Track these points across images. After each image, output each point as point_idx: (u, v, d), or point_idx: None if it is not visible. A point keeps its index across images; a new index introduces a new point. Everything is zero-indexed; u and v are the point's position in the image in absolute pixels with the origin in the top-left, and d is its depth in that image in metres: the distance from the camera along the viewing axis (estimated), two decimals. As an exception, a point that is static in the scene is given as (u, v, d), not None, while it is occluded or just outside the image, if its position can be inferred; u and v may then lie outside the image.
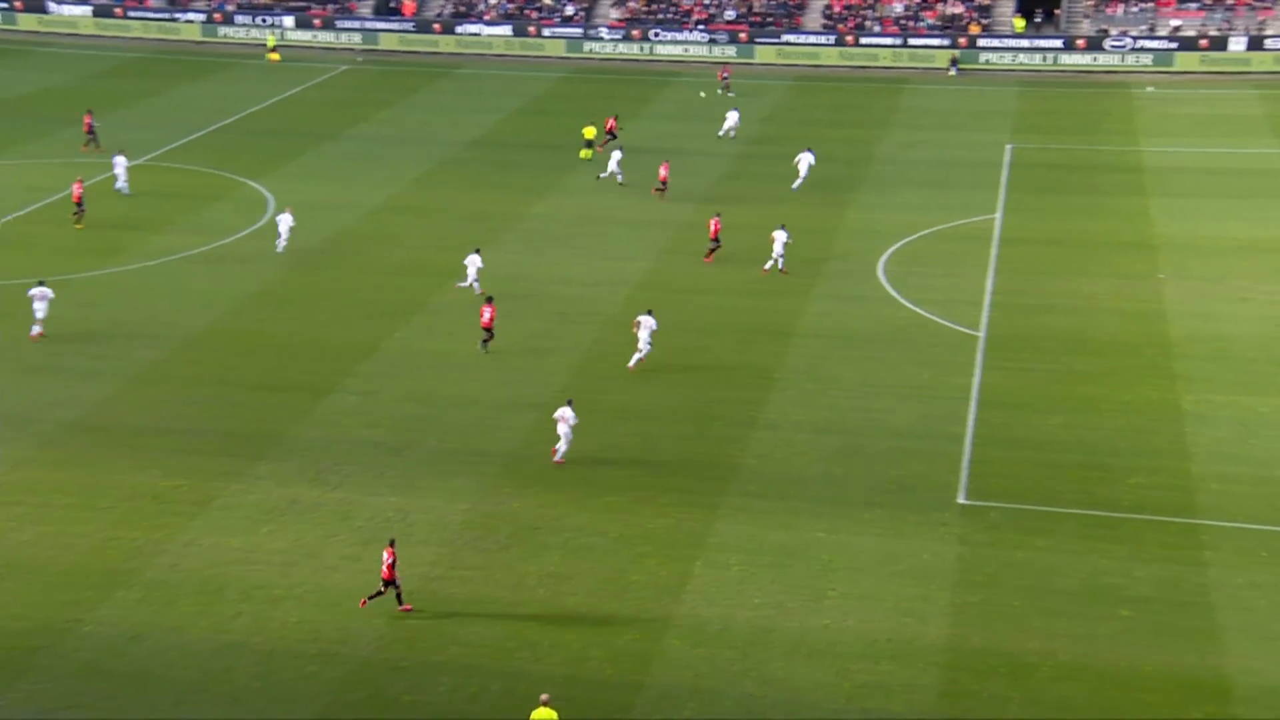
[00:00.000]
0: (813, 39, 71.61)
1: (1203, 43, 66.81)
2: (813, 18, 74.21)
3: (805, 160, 50.18)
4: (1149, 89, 64.51)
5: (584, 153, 53.46)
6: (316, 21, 74.85)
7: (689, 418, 32.85)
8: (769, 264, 41.04)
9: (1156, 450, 30.95)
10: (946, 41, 69.85)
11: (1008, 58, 68.80)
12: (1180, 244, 43.51)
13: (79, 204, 44.58)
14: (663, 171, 49.34)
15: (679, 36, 72.48)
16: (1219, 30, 67.95)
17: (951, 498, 29.25)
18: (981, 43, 69.61)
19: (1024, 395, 33.75)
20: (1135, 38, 67.87)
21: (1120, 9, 69.90)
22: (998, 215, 46.92)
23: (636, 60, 72.54)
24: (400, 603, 24.90)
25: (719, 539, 27.65)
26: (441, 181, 50.98)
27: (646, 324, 34.86)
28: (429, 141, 55.98)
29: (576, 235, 45.39)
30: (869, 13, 72.73)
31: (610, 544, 27.45)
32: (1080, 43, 68.19)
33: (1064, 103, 59.31)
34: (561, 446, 30.29)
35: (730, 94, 63.24)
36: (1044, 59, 68.31)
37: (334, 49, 73.91)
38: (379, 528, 27.64)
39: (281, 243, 42.39)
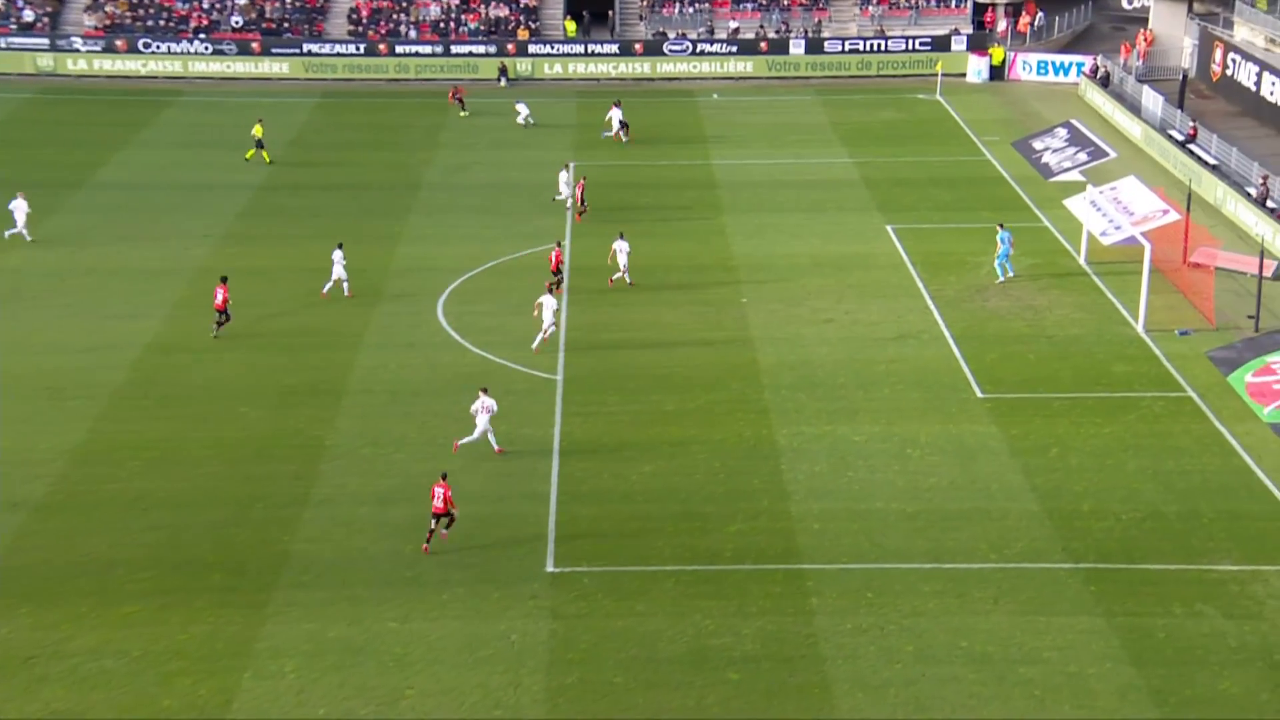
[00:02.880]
0: (339, 48, 71.41)
1: (762, 45, 72.24)
2: (337, 24, 73.98)
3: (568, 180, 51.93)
4: (714, 96, 69.01)
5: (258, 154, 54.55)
6: None
7: (223, 501, 31.76)
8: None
9: (754, 492, 32.62)
10: (494, 48, 71.68)
11: (559, 66, 71.42)
12: (758, 264, 46.47)
13: None
14: None
15: (176, 48, 70.35)
16: (777, 33, 73.66)
17: (539, 566, 29.65)
18: (532, 49, 71.84)
19: (609, 442, 34.83)
20: (695, 41, 72.37)
21: (675, 10, 74.25)
22: (567, 242, 48.42)
23: (125, 77, 69.83)
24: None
25: (270, 643, 26.83)
26: None
27: (549, 304, 38.90)
28: None
29: (61, 292, 43.19)
30: (403, 17, 73.38)
31: (132, 665, 26.00)
32: (638, 47, 71.90)
33: (627, 114, 62.23)
34: (474, 436, 33.12)
35: (464, 114, 61.90)
36: (601, 66, 71.48)
37: None
38: None
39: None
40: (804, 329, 41.48)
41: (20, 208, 48.04)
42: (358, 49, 71.44)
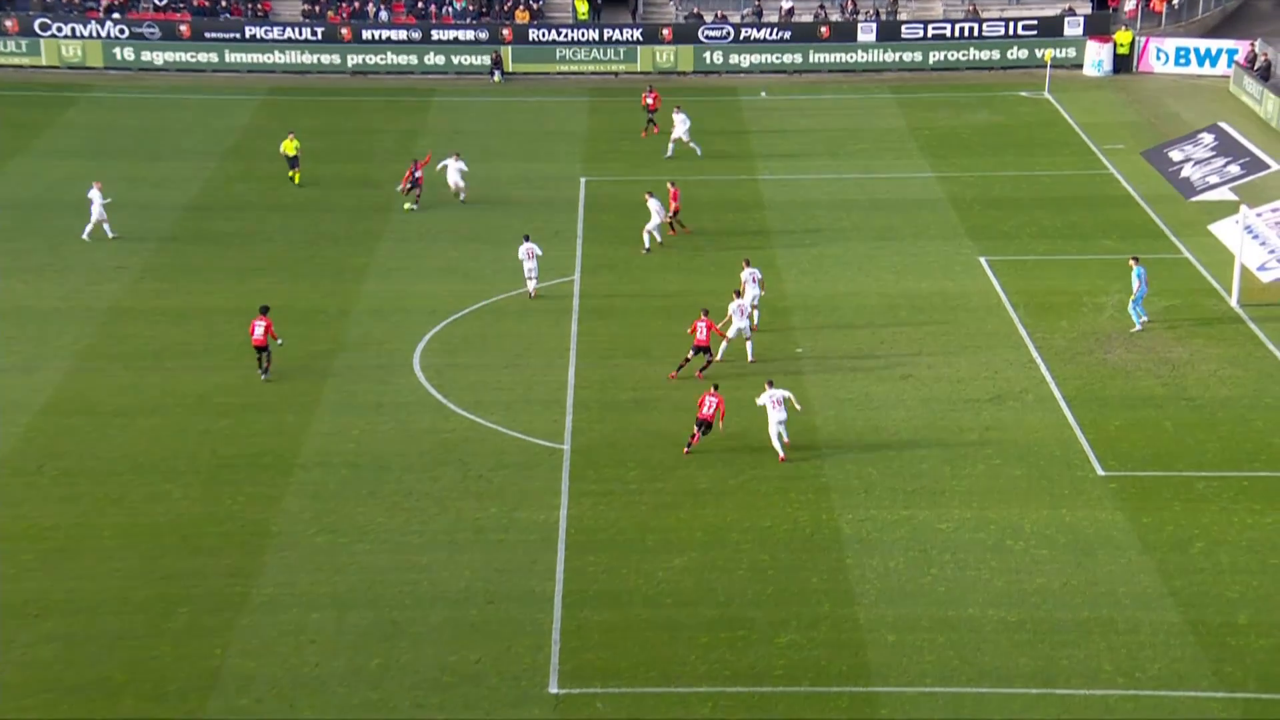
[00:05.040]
0: (291, 33, 72.24)
1: (823, 30, 72.81)
2: (289, 5, 74.80)
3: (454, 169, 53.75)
4: (762, 94, 69.50)
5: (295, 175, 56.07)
6: None
7: (138, 606, 31.88)
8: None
9: (812, 593, 32.59)
10: (485, 34, 72.45)
11: (569, 54, 72.12)
12: (816, 304, 46.58)
13: None
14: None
15: (83, 30, 71.38)
16: (843, 14, 74.24)
17: (540, 687, 29.65)
18: (534, 34, 72.60)
19: (629, 529, 34.87)
20: (738, 25, 73.00)
21: (715, -13, 75.21)
22: (576, 276, 48.62)
23: (16, 67, 70.49)
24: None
25: (196, 787, 26.86)
26: None
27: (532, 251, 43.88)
28: None
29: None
30: (375, -5, 74.35)
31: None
32: (666, 33, 72.55)
33: (642, 117, 62.74)
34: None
35: (411, 206, 60.00)
36: (618, 54, 72.16)
37: None
38: None
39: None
40: (874, 387, 41.53)
41: (95, 198, 51.40)
42: (314, 34, 72.21)
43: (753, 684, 29.80)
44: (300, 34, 71.99)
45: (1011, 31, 72.55)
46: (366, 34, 72.15)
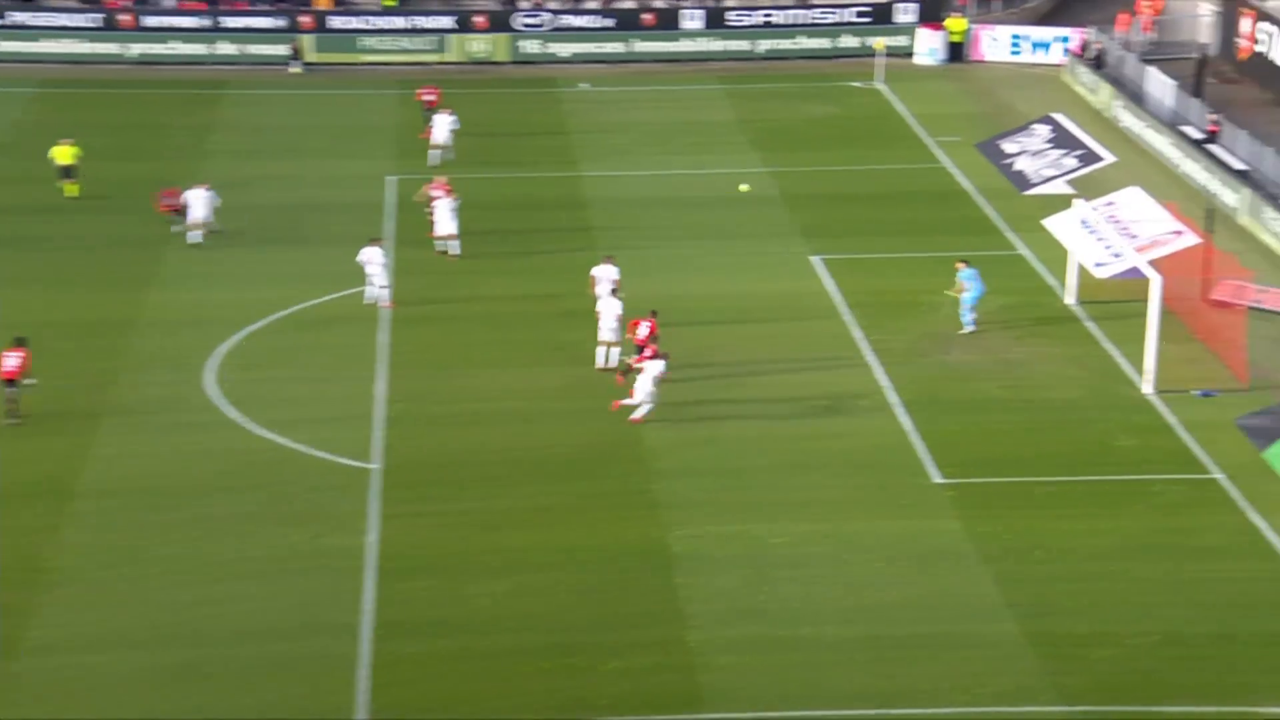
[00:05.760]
0: (65, 20, 70.92)
1: (647, 17, 73.09)
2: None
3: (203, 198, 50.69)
4: (583, 86, 69.61)
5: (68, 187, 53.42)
6: None
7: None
8: None
9: (641, 616, 32.61)
10: (283, 21, 71.70)
11: (374, 43, 71.73)
12: (640, 308, 46.43)
13: None
14: None
15: None
16: (667, 3, 74.53)
17: (348, 726, 29.41)
18: (336, 23, 72.08)
19: (445, 553, 34.65)
20: (556, 11, 73.03)
21: (527, -28, 74.99)
22: (386, 281, 48.27)
23: None
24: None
25: None
26: None
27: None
28: None
29: None
30: (154, -21, 73.13)
31: None
32: (478, 20, 72.37)
33: (470, 107, 62.38)
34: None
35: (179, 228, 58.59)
36: (428, 43, 71.90)
37: None
38: None
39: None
40: (705, 395, 41.71)
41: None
42: (91, 21, 70.93)
43: (580, 713, 29.72)
44: (75, 21, 70.54)
45: (841, 20, 73.32)
46: (150, 21, 70.98)
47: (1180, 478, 38.16)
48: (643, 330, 41.25)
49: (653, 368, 39.84)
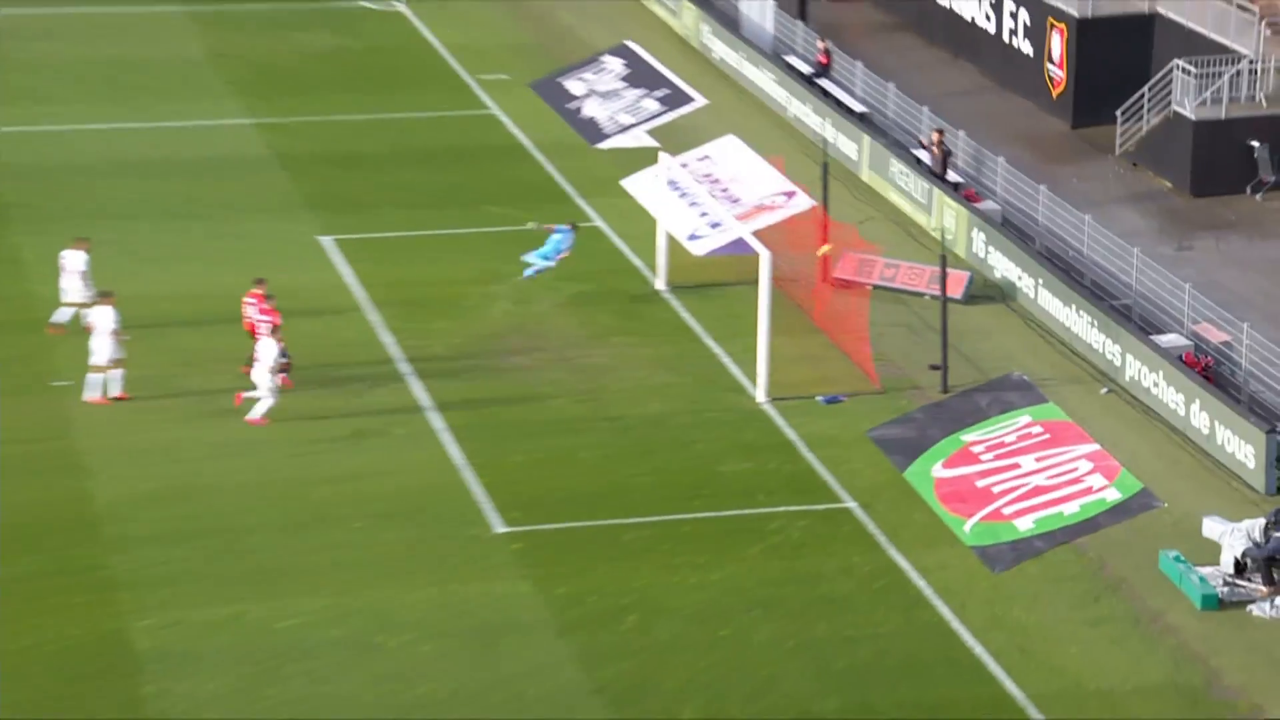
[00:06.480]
0: None
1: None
2: None
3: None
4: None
5: None
6: None
7: None
8: None
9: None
10: None
11: None
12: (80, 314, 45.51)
13: None
14: None
15: None
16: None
17: None
18: None
19: None
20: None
21: None
22: None
23: None
24: None
25: None
26: None
27: None
28: None
29: None
30: None
31: None
32: None
33: None
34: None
35: None
36: None
37: None
38: None
39: None
40: (176, 431, 41.14)
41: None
42: None
43: None
44: None
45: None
46: None
47: (804, 509, 38.77)
48: (251, 311, 41.66)
49: (266, 350, 40.13)
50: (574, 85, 52.30)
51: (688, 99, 49.38)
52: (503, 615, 34.92)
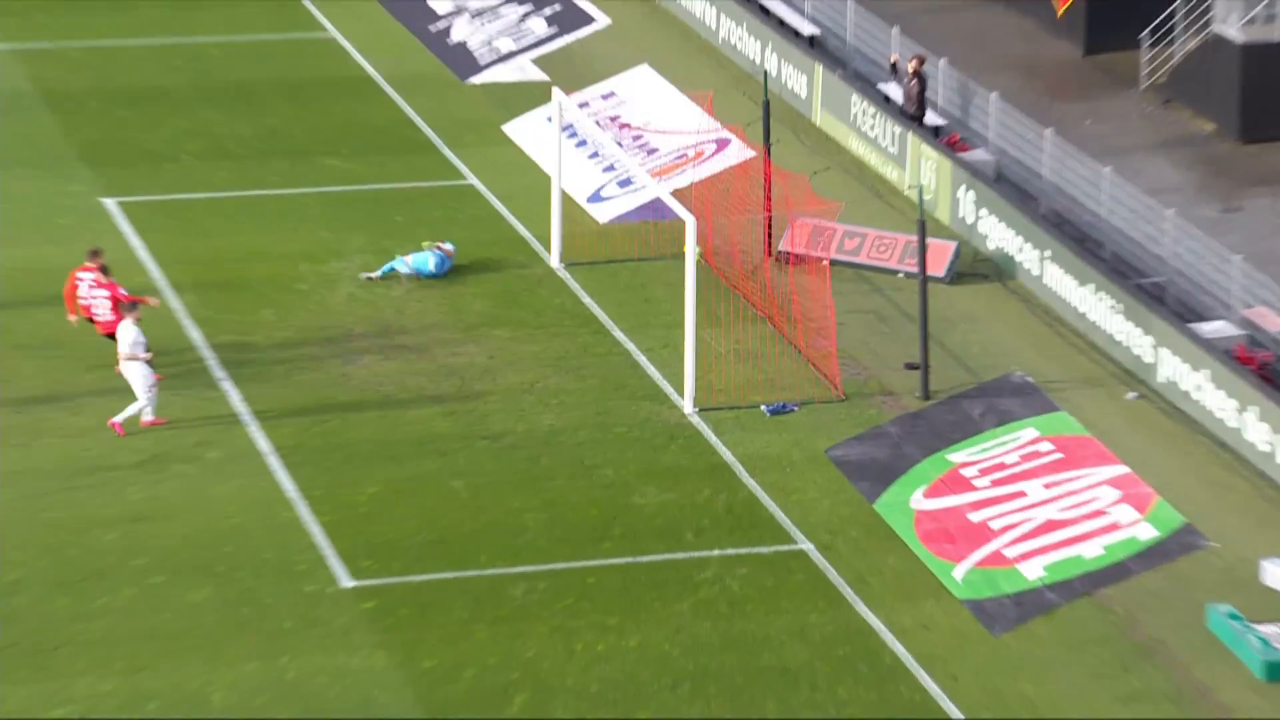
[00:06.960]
0: None
1: None
2: None
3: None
4: None
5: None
6: None
7: None
8: None
9: None
10: None
11: None
12: None
13: None
14: None
15: None
16: None
17: None
18: None
19: None
20: None
21: None
22: None
23: None
24: None
25: None
26: None
27: None
28: None
29: None
30: None
31: None
32: None
33: None
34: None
35: None
36: None
37: None
38: None
39: None
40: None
41: None
42: None
43: None
44: None
45: None
46: None
47: (744, 552, 38.73)
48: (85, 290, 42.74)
49: (125, 334, 40.99)
50: (439, 1, 52.23)
51: (586, 18, 49.44)
52: (351, 697, 34.62)
